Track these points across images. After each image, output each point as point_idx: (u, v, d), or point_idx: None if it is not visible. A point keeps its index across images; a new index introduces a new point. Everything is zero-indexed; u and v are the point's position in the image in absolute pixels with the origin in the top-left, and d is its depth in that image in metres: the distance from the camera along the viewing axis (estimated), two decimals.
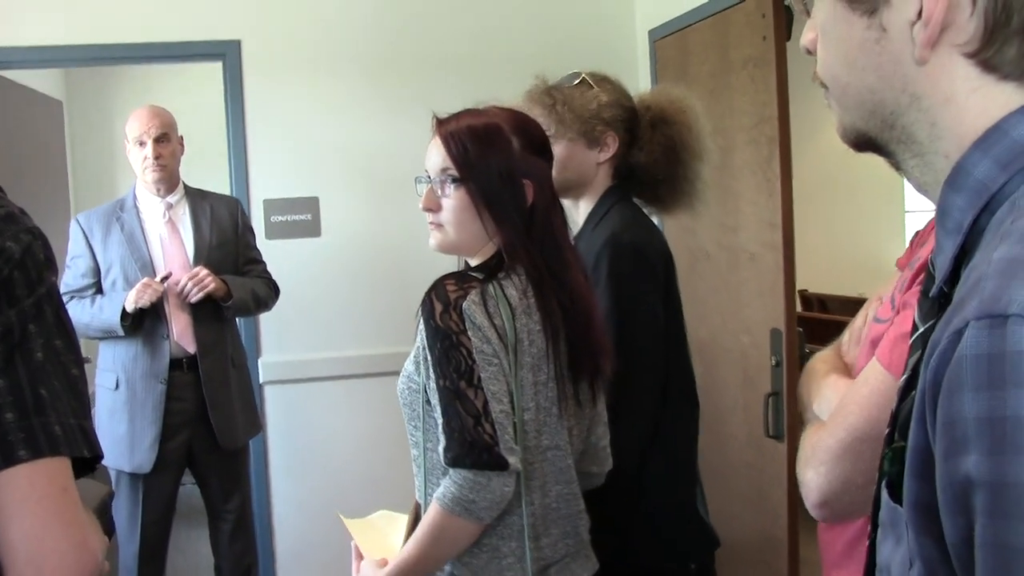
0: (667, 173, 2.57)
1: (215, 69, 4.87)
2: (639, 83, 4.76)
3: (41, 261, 1.20)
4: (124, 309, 3.79)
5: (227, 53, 4.75)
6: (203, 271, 3.90)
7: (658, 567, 2.48)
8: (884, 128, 0.94)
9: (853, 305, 6.85)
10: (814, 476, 1.43)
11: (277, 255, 4.60)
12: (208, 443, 4.03)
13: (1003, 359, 0.71)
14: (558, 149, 2.44)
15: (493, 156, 2.01)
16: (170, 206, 4.08)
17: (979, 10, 0.84)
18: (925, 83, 0.88)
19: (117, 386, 3.95)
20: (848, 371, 1.63)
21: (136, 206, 4.07)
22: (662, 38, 4.64)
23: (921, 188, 0.95)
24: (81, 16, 4.60)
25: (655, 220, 2.70)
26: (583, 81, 2.56)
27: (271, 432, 4.88)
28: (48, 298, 1.19)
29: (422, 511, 2.03)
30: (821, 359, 1.73)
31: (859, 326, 1.68)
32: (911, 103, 0.90)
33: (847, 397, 1.45)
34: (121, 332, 3.83)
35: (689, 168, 2.58)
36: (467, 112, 2.08)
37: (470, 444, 1.86)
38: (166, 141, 4.03)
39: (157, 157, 3.99)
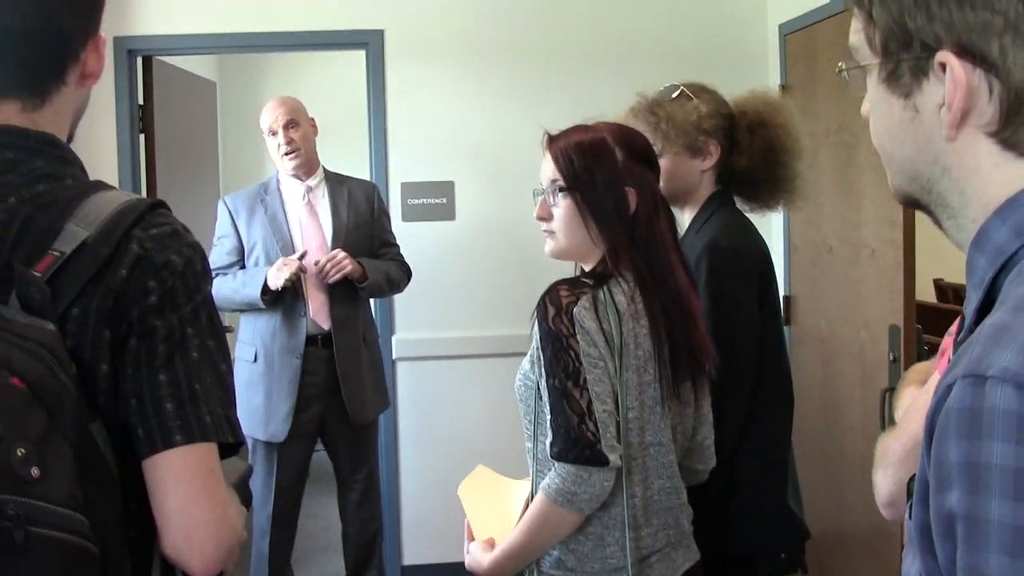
0: (767, 175, 2.64)
1: (359, 56, 5.08)
2: (768, 77, 4.79)
3: (199, 272, 1.38)
4: (266, 285, 3.97)
5: (370, 42, 4.95)
6: (341, 253, 4.07)
7: (749, 556, 2.56)
8: (923, 192, 1.06)
9: None
10: (882, 478, 1.51)
11: (413, 237, 4.76)
12: (339, 415, 4.20)
13: (980, 414, 0.82)
14: (664, 162, 2.52)
15: (597, 168, 2.12)
16: (310, 189, 4.27)
17: (995, 97, 0.95)
18: (954, 157, 1.00)
19: (255, 359, 4.14)
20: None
21: (279, 189, 4.27)
22: (792, 32, 4.65)
23: (957, 245, 1.06)
24: (234, 6, 4.87)
25: (779, 214, 2.71)
26: (682, 93, 2.63)
27: (401, 406, 5.05)
28: (204, 304, 1.38)
29: (530, 499, 2.15)
30: (916, 368, 1.79)
31: None
32: (943, 173, 1.01)
33: (911, 405, 1.54)
34: (262, 305, 4.02)
35: (789, 168, 2.64)
36: (576, 128, 2.20)
37: (574, 440, 1.97)
38: (295, 127, 4.21)
39: (289, 143, 4.18)
